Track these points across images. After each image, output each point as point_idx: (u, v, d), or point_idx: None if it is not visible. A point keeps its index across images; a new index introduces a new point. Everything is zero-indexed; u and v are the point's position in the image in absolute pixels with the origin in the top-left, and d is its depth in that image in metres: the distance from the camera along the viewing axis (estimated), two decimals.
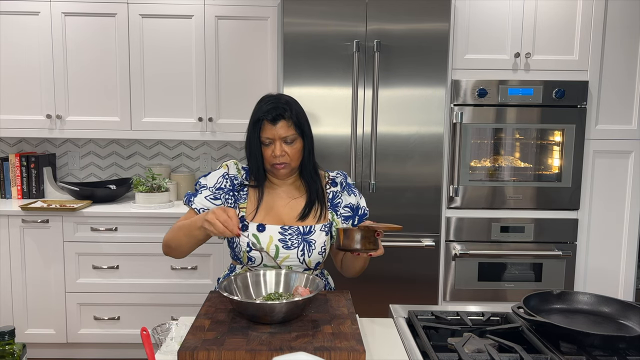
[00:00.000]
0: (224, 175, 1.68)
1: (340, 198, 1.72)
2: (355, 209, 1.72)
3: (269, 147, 1.61)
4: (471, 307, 1.56)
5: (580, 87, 2.79)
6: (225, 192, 1.65)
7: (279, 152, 1.59)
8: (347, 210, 1.71)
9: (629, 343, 1.27)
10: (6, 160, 3.30)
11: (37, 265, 2.96)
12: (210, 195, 1.64)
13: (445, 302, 2.90)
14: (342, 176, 1.77)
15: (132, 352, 3.07)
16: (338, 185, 1.73)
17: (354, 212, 1.72)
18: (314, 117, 2.75)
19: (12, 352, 1.12)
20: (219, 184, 1.66)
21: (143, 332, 1.23)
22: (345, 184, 1.75)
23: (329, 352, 1.15)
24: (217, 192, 1.65)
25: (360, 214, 1.72)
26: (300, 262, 1.61)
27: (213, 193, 1.65)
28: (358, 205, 1.73)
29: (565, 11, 2.79)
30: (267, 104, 1.61)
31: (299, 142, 1.63)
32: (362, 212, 1.73)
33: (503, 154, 2.94)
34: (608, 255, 2.93)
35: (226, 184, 1.66)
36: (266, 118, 1.58)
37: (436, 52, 2.73)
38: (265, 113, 1.59)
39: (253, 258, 1.60)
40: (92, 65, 3.07)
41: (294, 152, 1.61)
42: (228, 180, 1.67)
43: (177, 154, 3.50)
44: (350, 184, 1.77)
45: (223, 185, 1.66)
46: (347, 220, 1.70)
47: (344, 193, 1.73)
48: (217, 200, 1.64)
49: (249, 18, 3.04)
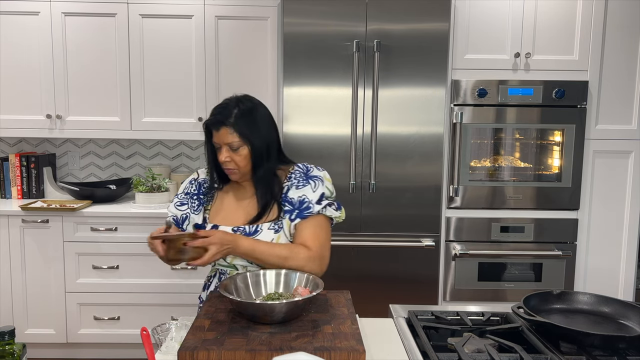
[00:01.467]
0: (191, 181, 1.76)
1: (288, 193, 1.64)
2: (298, 203, 1.61)
3: (219, 153, 1.62)
4: (471, 307, 1.56)
5: (580, 87, 2.79)
6: (190, 197, 1.73)
7: (224, 158, 1.60)
8: (286, 204, 1.63)
9: (629, 343, 1.27)
10: (6, 160, 3.30)
11: (37, 265, 2.96)
12: (178, 202, 1.73)
13: (445, 302, 2.90)
14: (301, 170, 1.68)
15: (132, 352, 3.07)
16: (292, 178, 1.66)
17: (293, 207, 1.62)
18: (314, 117, 2.75)
19: (12, 352, 1.12)
20: (186, 190, 1.75)
21: (143, 332, 1.23)
22: (300, 177, 1.66)
23: (329, 352, 1.15)
24: (184, 197, 1.73)
25: (302, 208, 1.61)
26: (250, 262, 1.61)
27: (180, 200, 1.73)
28: (303, 199, 1.62)
29: (565, 11, 2.79)
30: (214, 110, 1.63)
31: (245, 149, 1.59)
32: (306, 206, 1.61)
33: (503, 154, 2.94)
34: (608, 255, 2.93)
35: (192, 188, 1.74)
36: (210, 124, 1.61)
37: (436, 52, 2.73)
38: (209, 119, 1.62)
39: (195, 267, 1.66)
40: (92, 65, 3.07)
41: (240, 158, 1.60)
42: (195, 184, 1.74)
43: (177, 154, 3.50)
44: (311, 176, 1.66)
45: (189, 190, 1.74)
46: (286, 214, 1.62)
47: (292, 187, 1.64)
48: (182, 205, 1.72)
49: (249, 18, 3.04)
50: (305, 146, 2.75)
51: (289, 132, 2.75)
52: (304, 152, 2.74)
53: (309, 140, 2.75)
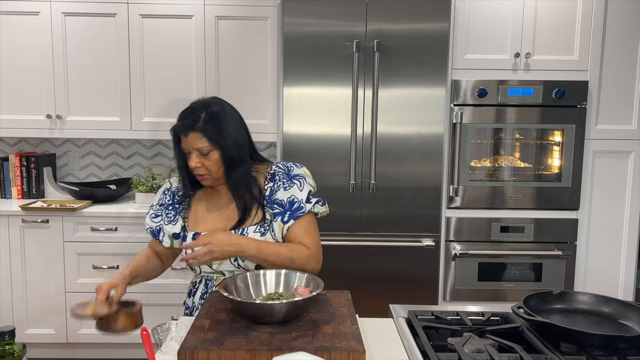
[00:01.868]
0: (164, 192, 1.72)
1: (275, 195, 1.61)
2: (288, 204, 1.60)
3: (189, 159, 1.58)
4: (471, 307, 1.56)
5: (580, 87, 2.79)
6: (165, 207, 1.69)
7: (194, 164, 1.56)
8: (276, 206, 1.60)
9: (629, 343, 1.27)
10: (6, 160, 3.30)
11: (37, 265, 2.96)
12: (153, 213, 1.70)
13: (445, 302, 2.90)
14: (282, 169, 1.65)
15: (132, 352, 3.07)
16: (275, 180, 1.64)
17: (284, 208, 1.60)
18: (314, 117, 2.75)
19: (12, 352, 1.12)
20: (160, 201, 1.71)
21: (143, 332, 1.23)
22: (283, 178, 1.63)
23: (329, 352, 1.15)
24: (159, 209, 1.69)
25: (294, 208, 1.60)
26: (237, 267, 1.59)
27: (155, 211, 1.70)
28: (292, 199, 1.60)
29: (565, 11, 2.79)
30: (181, 114, 1.58)
31: (216, 154, 1.55)
32: (297, 206, 1.60)
33: (503, 154, 2.94)
34: (608, 255, 2.93)
35: (166, 199, 1.70)
36: (178, 130, 1.57)
37: (436, 52, 2.73)
38: (176, 125, 1.57)
39: (193, 267, 1.65)
40: (92, 65, 3.07)
41: (211, 163, 1.56)
42: (169, 194, 1.71)
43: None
44: (293, 175, 1.64)
45: (164, 202, 1.70)
46: (277, 217, 1.59)
47: (280, 189, 1.62)
48: (157, 217, 1.68)
49: (249, 18, 3.04)
50: (305, 146, 2.75)
51: (289, 132, 2.75)
52: (304, 152, 2.74)
53: (309, 140, 2.75)
